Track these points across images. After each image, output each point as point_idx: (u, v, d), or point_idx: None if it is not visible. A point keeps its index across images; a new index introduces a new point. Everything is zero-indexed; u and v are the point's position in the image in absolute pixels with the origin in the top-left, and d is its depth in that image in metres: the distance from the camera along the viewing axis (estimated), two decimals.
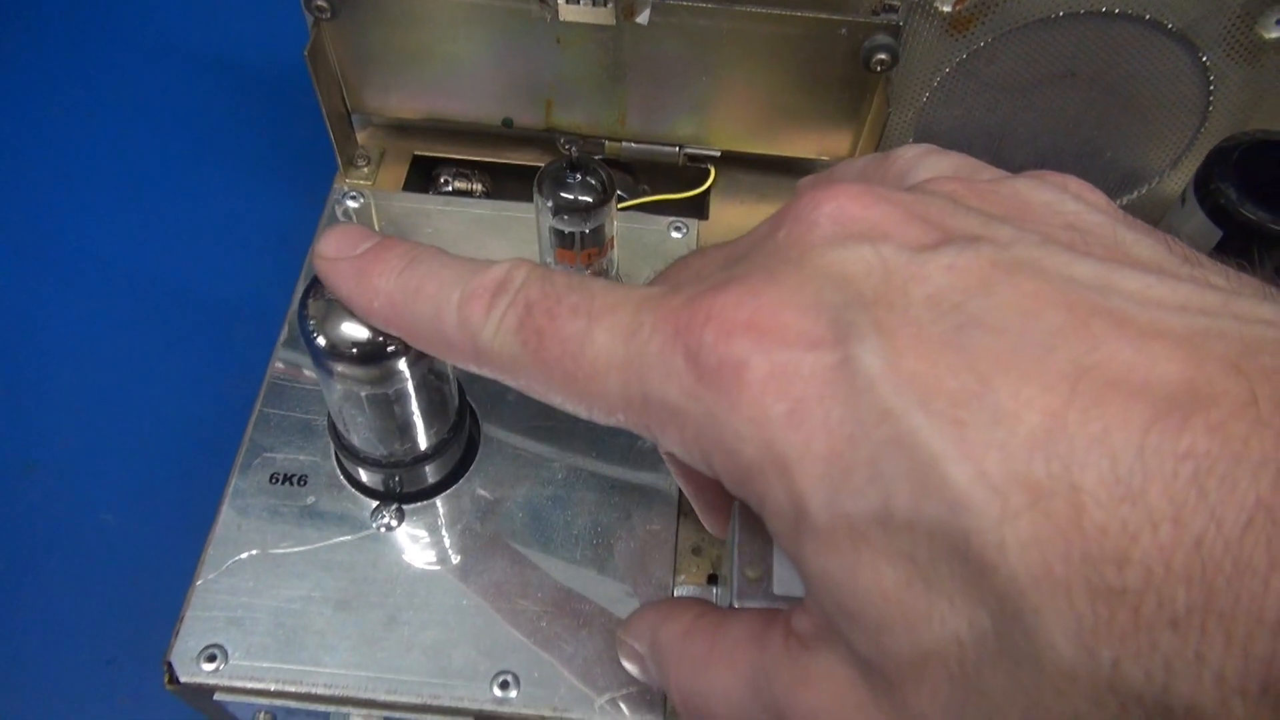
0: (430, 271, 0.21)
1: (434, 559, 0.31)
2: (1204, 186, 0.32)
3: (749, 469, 0.16)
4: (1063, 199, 0.18)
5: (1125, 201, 0.41)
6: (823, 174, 0.21)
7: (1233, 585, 0.12)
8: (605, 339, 0.18)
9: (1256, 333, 0.14)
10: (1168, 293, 0.14)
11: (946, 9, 0.35)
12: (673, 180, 0.42)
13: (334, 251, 0.22)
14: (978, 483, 0.14)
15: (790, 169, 0.41)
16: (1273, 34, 0.34)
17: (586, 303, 0.18)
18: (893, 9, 0.35)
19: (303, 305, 0.26)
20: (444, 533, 0.32)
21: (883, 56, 0.34)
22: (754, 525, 0.25)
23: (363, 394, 0.28)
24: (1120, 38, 0.35)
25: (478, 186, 0.42)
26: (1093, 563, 0.13)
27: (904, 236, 0.16)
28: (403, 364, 0.27)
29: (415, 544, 0.31)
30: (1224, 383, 0.13)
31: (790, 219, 0.18)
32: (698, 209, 0.41)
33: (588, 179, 0.32)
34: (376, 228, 0.39)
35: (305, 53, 0.35)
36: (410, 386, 0.28)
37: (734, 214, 0.41)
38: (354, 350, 0.26)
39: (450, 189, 0.42)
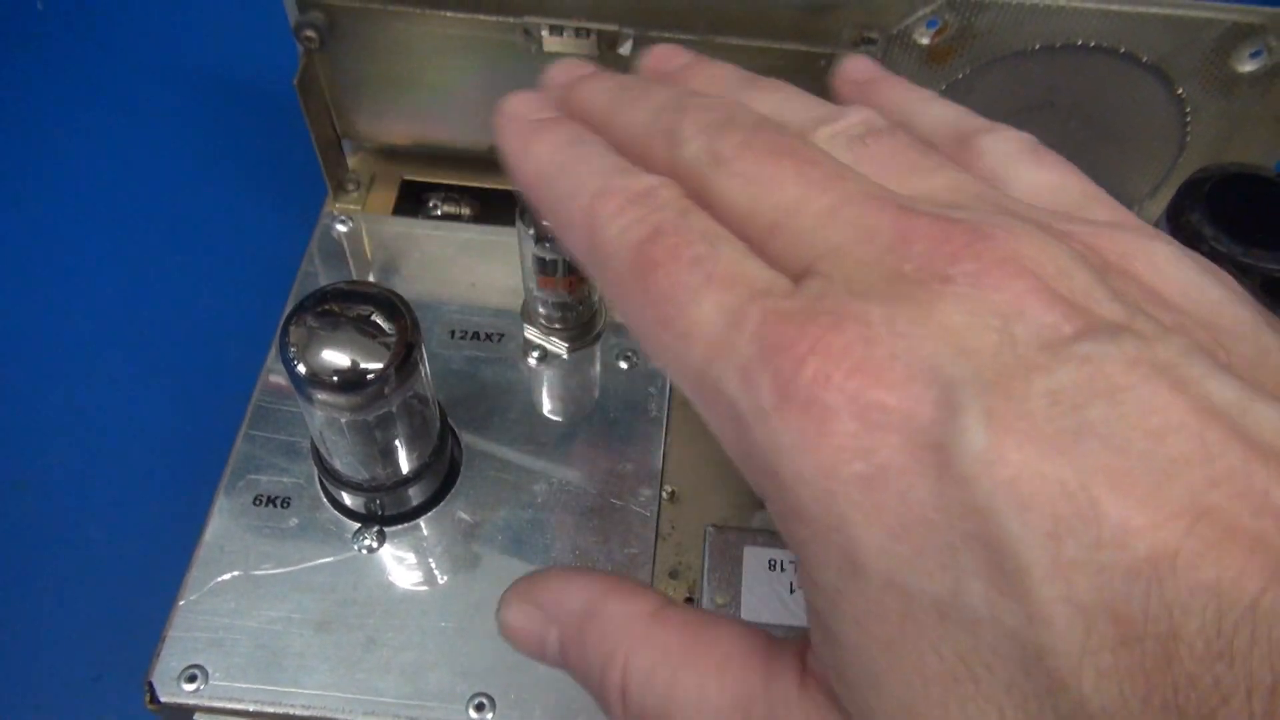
0: (586, 155, 0.20)
1: (414, 581, 0.32)
2: (1176, 218, 0.32)
3: (800, 512, 0.15)
4: (1204, 281, 0.16)
5: None
6: (908, 135, 0.19)
7: None
8: (710, 309, 0.17)
9: None
10: None
11: (925, 41, 0.35)
12: None
13: (517, 109, 0.22)
14: (1064, 602, 0.13)
15: None
16: (1246, 67, 0.35)
17: (710, 259, 0.17)
18: (871, 41, 0.35)
19: (284, 333, 0.27)
20: (425, 555, 0.32)
21: None
22: (724, 553, 0.26)
23: (343, 420, 0.28)
24: (1096, 70, 0.36)
25: (466, 211, 0.43)
26: (1173, 713, 0.12)
27: (1043, 318, 0.15)
28: (383, 391, 0.27)
29: (396, 566, 0.32)
30: None
31: (919, 249, 0.16)
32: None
33: None
34: (367, 252, 0.39)
35: (295, 82, 0.36)
36: (391, 412, 0.29)
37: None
38: (334, 378, 0.27)
39: (439, 213, 0.43)
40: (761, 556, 0.26)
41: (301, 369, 0.26)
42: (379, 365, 0.27)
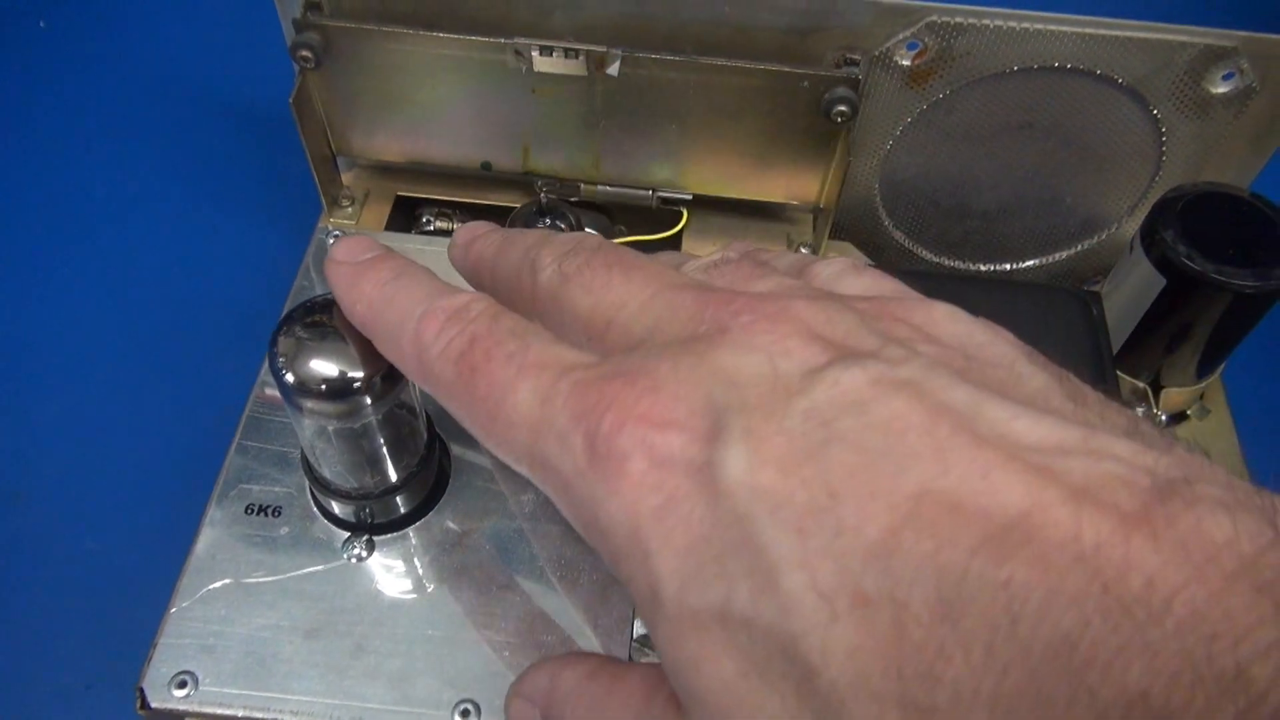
0: (408, 286, 0.23)
1: (402, 589, 0.32)
2: (1149, 236, 0.33)
3: (618, 553, 0.17)
4: (973, 330, 0.18)
5: (1085, 247, 0.43)
6: (754, 259, 0.22)
7: (1031, 717, 0.12)
8: (526, 395, 0.19)
9: (1104, 468, 0.14)
10: (1030, 424, 0.15)
11: (906, 63, 0.36)
12: (648, 222, 0.43)
13: (341, 256, 0.25)
14: (809, 590, 0.14)
15: (761, 212, 0.43)
16: (1219, 89, 0.36)
17: (521, 353, 0.19)
18: (853, 63, 0.36)
19: (272, 343, 0.27)
20: (413, 564, 0.33)
21: (842, 108, 0.35)
22: None
23: (330, 428, 0.29)
24: (1073, 91, 0.37)
25: (459, 226, 0.43)
26: (907, 679, 0.13)
27: (803, 353, 0.17)
28: (370, 399, 0.28)
29: (384, 574, 0.32)
30: (1057, 514, 0.13)
31: (709, 314, 0.18)
32: (672, 249, 0.42)
33: (556, 223, 0.33)
34: None
35: (291, 100, 0.37)
36: (378, 421, 0.29)
37: (706, 255, 0.42)
38: (322, 386, 0.27)
39: (432, 228, 0.43)
40: None
41: (290, 378, 0.27)
42: (365, 374, 0.27)
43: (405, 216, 0.43)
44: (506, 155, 0.40)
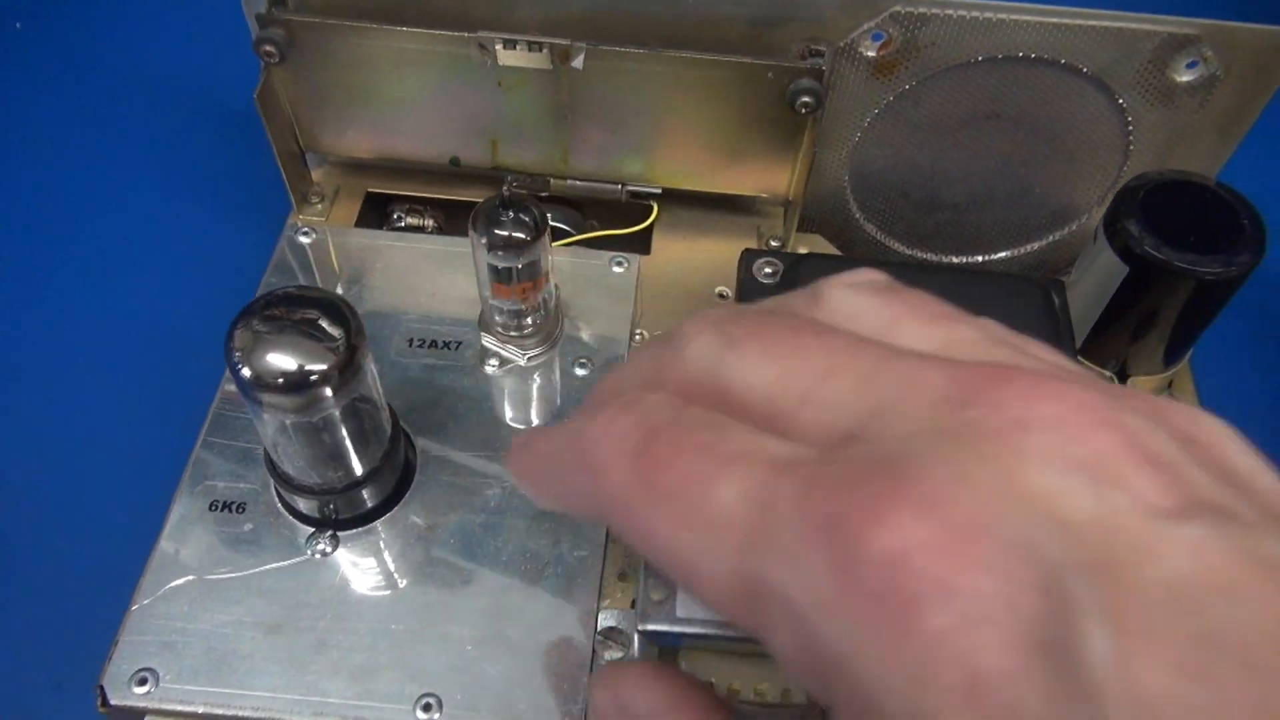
0: (562, 425, 0.19)
1: (366, 584, 0.32)
2: (1112, 225, 0.33)
3: None
4: (1259, 464, 0.14)
5: (1056, 237, 0.43)
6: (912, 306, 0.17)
7: None
8: (732, 495, 0.14)
9: None
10: None
11: (871, 54, 0.36)
12: (620, 216, 0.43)
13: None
14: None
15: (732, 206, 0.43)
16: (1184, 77, 0.36)
17: (722, 443, 0.15)
18: (818, 54, 0.36)
19: (228, 337, 0.27)
20: (377, 559, 0.33)
21: (807, 99, 0.35)
22: None
23: (288, 423, 0.29)
24: (1039, 81, 0.37)
25: (429, 223, 0.43)
26: None
27: (1141, 487, 0.13)
28: (328, 391, 0.28)
29: (349, 570, 0.32)
30: None
31: (985, 397, 0.14)
32: (642, 244, 0.42)
33: (521, 216, 0.33)
34: (332, 262, 0.40)
35: (255, 96, 0.36)
36: (338, 414, 0.29)
37: (676, 249, 0.42)
38: (279, 380, 0.27)
39: (403, 225, 0.43)
40: None
41: (246, 372, 0.27)
42: (322, 367, 0.27)
43: (376, 213, 0.43)
44: (475, 150, 0.40)
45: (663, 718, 0.19)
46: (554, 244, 0.42)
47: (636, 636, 0.26)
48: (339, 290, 0.39)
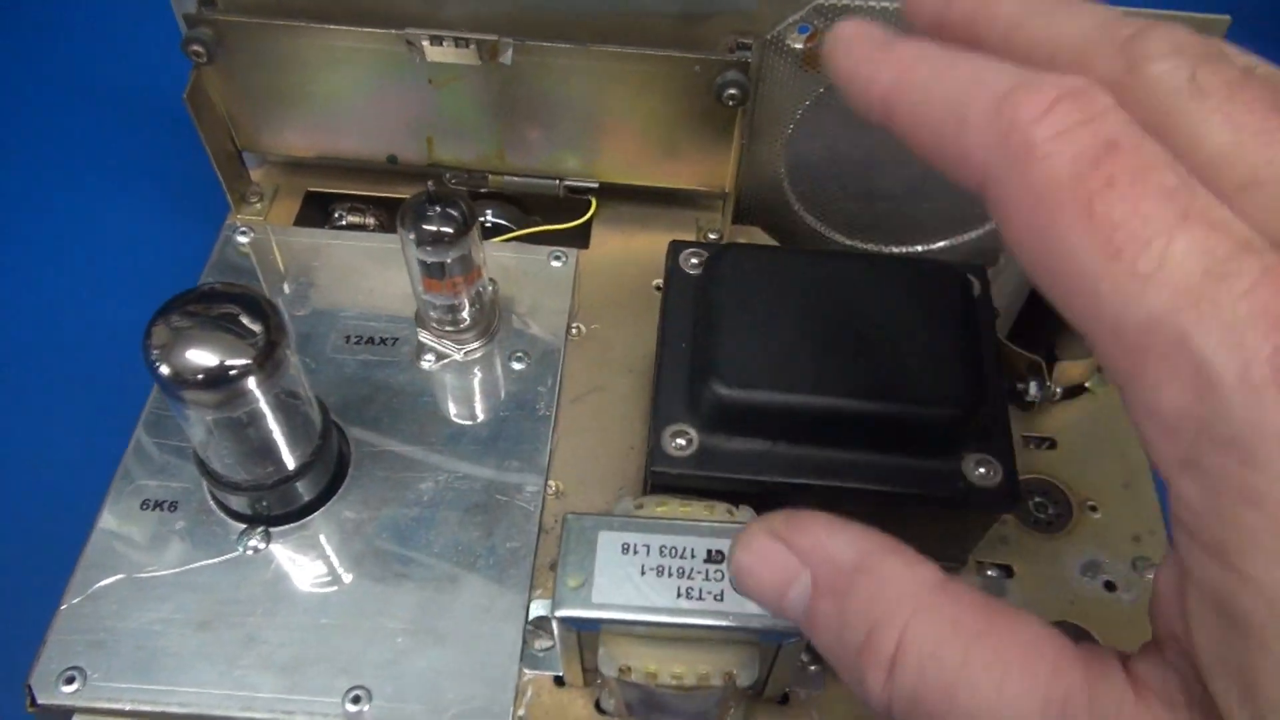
0: (966, 58, 0.18)
1: (298, 579, 0.32)
2: None
3: (1263, 496, 0.14)
4: None
5: (992, 226, 0.43)
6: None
7: None
8: (1186, 250, 0.15)
9: None
10: None
11: (798, 47, 0.36)
12: (562, 211, 0.43)
13: (852, 30, 0.19)
14: None
15: (671, 199, 0.43)
16: None
17: (1187, 196, 0.15)
18: (746, 47, 0.36)
19: (146, 335, 0.27)
20: (310, 554, 0.33)
21: (733, 92, 0.36)
22: (580, 537, 0.26)
23: (211, 419, 0.29)
24: None
25: (371, 221, 0.43)
26: None
27: None
28: (249, 386, 0.28)
29: (280, 565, 0.32)
30: None
31: None
32: (581, 239, 0.42)
33: (448, 211, 0.33)
34: (274, 261, 0.40)
35: (185, 96, 0.37)
36: (262, 410, 0.29)
37: (615, 243, 0.42)
38: (197, 376, 0.27)
39: (344, 223, 0.43)
40: (616, 540, 0.26)
41: (164, 369, 0.27)
42: (242, 362, 0.27)
43: (317, 212, 0.43)
44: (411, 148, 0.41)
45: (876, 561, 0.19)
46: (494, 240, 0.42)
47: (554, 623, 0.26)
48: (285, 289, 0.39)
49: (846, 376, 0.29)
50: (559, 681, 0.31)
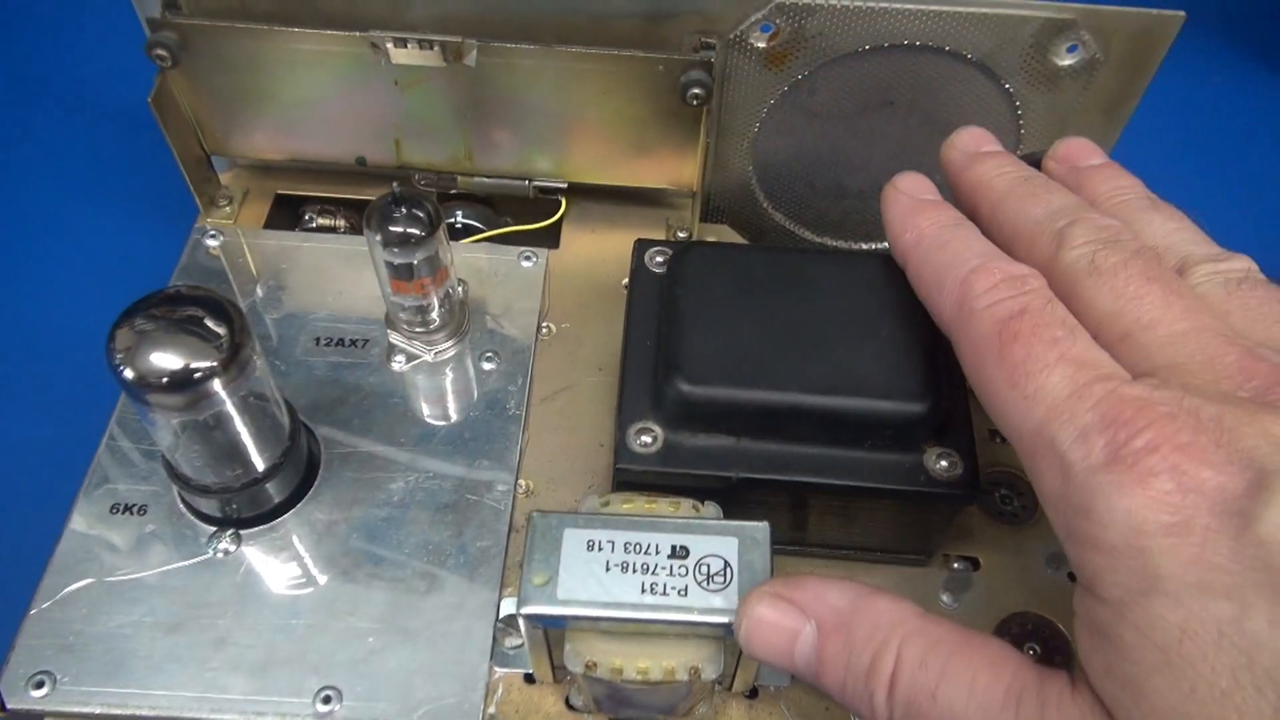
0: (965, 236, 0.26)
1: (269, 581, 0.32)
2: None
3: (1100, 542, 0.20)
4: None
5: None
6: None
7: None
8: (1058, 380, 0.22)
9: None
10: None
11: (761, 45, 0.37)
12: (533, 211, 0.43)
13: (904, 186, 0.29)
14: None
15: (641, 198, 0.43)
16: (1065, 61, 0.37)
17: (1067, 344, 0.22)
18: (709, 46, 0.37)
19: (109, 338, 0.28)
20: (280, 555, 0.33)
21: (697, 91, 0.36)
22: (546, 535, 0.27)
23: (176, 422, 0.29)
24: (927, 68, 0.37)
25: (342, 223, 0.44)
26: None
27: None
28: (213, 388, 0.28)
29: (250, 567, 0.32)
30: None
31: (1258, 387, 0.20)
32: (551, 239, 0.42)
33: (414, 212, 0.33)
34: (246, 265, 0.40)
35: (150, 100, 0.37)
36: (228, 412, 0.29)
37: (585, 243, 0.42)
38: (162, 379, 0.27)
39: (314, 225, 0.43)
40: (581, 538, 0.27)
41: (128, 373, 0.27)
42: (205, 364, 0.27)
43: (287, 215, 0.44)
44: (379, 150, 0.41)
45: (866, 602, 0.24)
46: (465, 240, 0.42)
47: (520, 620, 0.26)
48: (255, 292, 0.39)
49: (809, 372, 0.29)
50: (529, 679, 0.31)
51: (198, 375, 0.28)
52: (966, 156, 0.29)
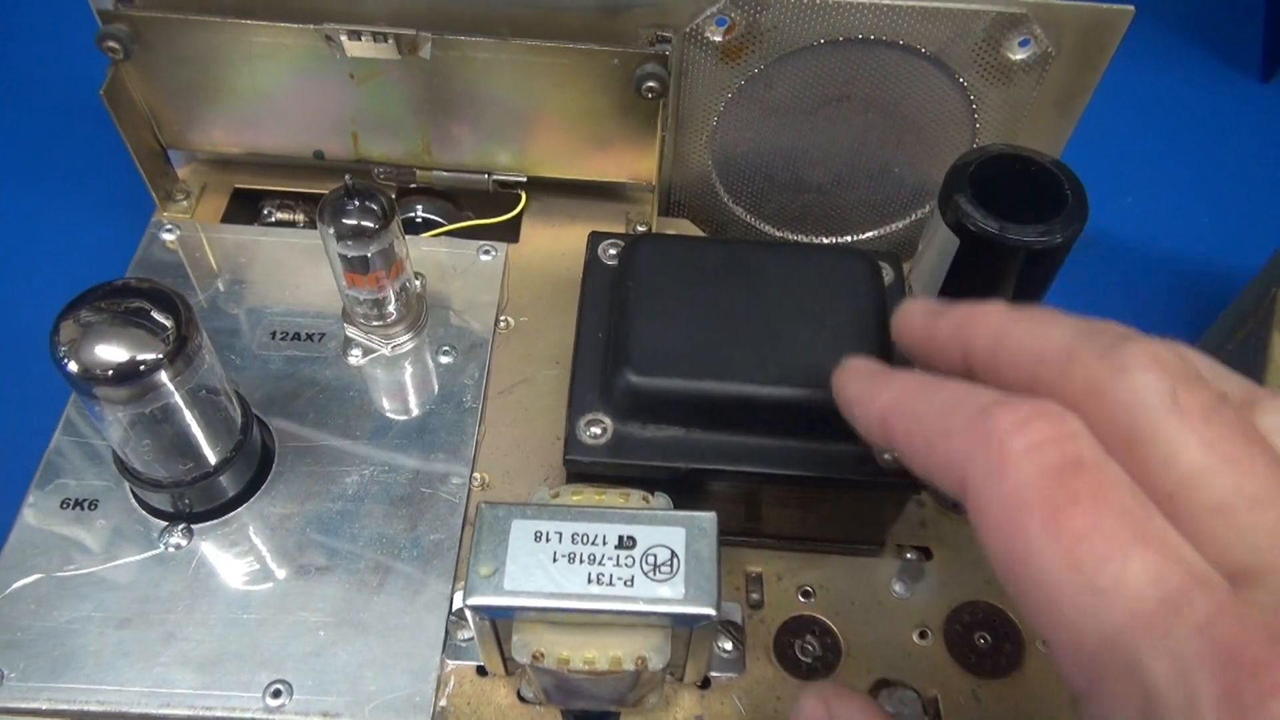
0: (949, 383, 0.20)
1: (220, 575, 0.32)
2: (945, 201, 0.34)
3: None
4: None
5: (919, 215, 0.44)
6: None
7: None
8: (1140, 575, 0.16)
9: None
10: None
11: (717, 39, 0.37)
12: (492, 205, 0.43)
13: (858, 364, 0.24)
14: None
15: (600, 192, 0.43)
16: (1018, 55, 0.37)
17: (1144, 520, 0.16)
18: (665, 40, 0.37)
19: (53, 331, 0.27)
20: (232, 549, 0.33)
21: (652, 84, 0.36)
22: (493, 527, 0.27)
23: (122, 416, 0.29)
24: (882, 62, 0.38)
25: (300, 217, 0.43)
26: None
27: None
28: (158, 381, 0.28)
29: (203, 561, 0.32)
30: None
31: None
32: (511, 233, 0.42)
33: (368, 205, 0.33)
34: (207, 259, 0.40)
35: (101, 93, 0.36)
36: (176, 405, 0.29)
37: (545, 236, 0.42)
38: (106, 372, 0.27)
39: (273, 220, 0.43)
40: (529, 529, 0.27)
41: (72, 366, 0.27)
42: (149, 357, 0.27)
43: (246, 209, 0.43)
44: (337, 143, 0.40)
45: None
46: (424, 235, 0.42)
47: (467, 611, 0.26)
48: (212, 286, 0.39)
49: (757, 363, 0.29)
50: (481, 671, 0.31)
51: (143, 368, 0.27)
52: (929, 313, 0.23)
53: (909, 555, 0.34)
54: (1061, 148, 0.41)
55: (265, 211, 0.43)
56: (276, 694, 0.30)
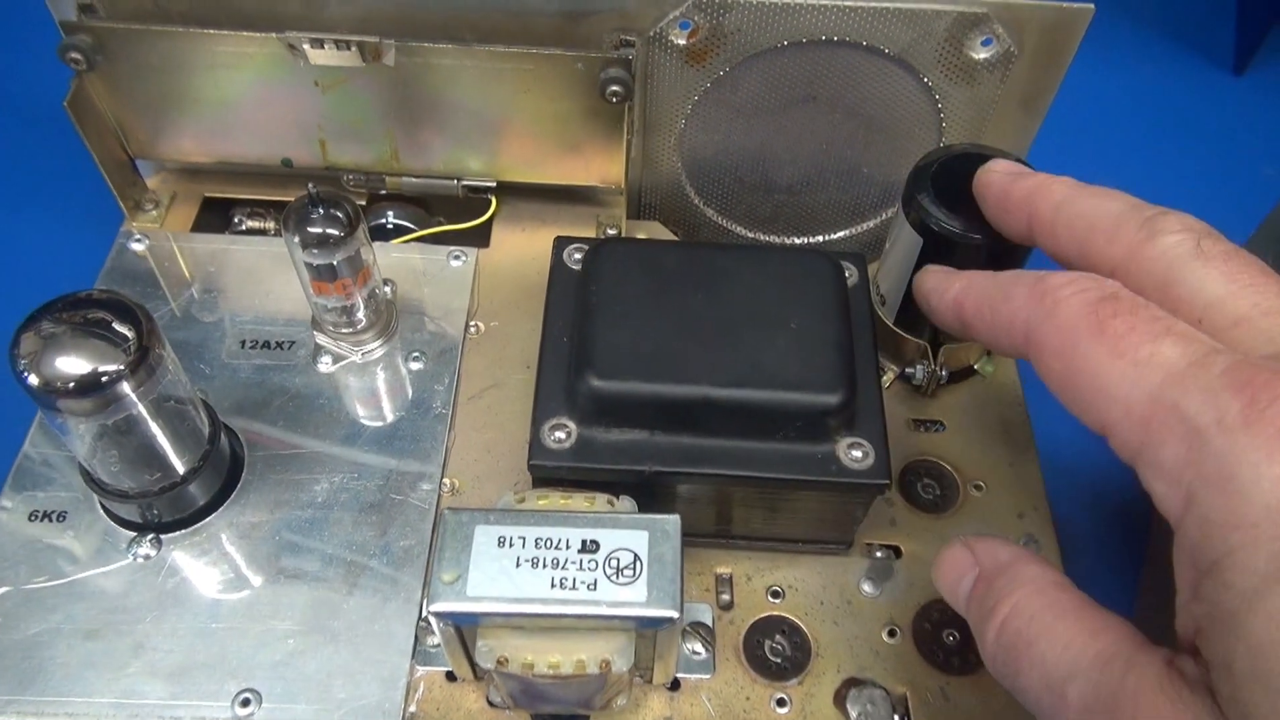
0: (1015, 272, 0.27)
1: (189, 585, 0.32)
2: (907, 200, 0.34)
3: (1240, 518, 0.18)
4: None
5: (888, 215, 0.44)
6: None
7: None
8: (1172, 350, 0.21)
9: None
10: None
11: (681, 42, 0.37)
12: (465, 212, 0.43)
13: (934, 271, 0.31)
14: None
15: (571, 196, 0.43)
16: (981, 55, 0.37)
17: (1170, 321, 0.22)
18: (630, 44, 0.37)
19: (13, 344, 0.27)
20: (201, 559, 0.33)
21: (616, 88, 0.36)
22: (457, 532, 0.27)
23: (84, 428, 0.29)
24: (846, 63, 0.38)
25: (271, 225, 0.43)
26: None
27: None
28: (120, 392, 0.28)
29: (171, 571, 0.32)
30: None
31: None
32: (482, 238, 0.43)
33: (332, 212, 0.33)
34: (178, 268, 0.40)
35: (65, 104, 0.36)
36: (140, 416, 0.29)
37: (516, 241, 0.43)
38: (68, 385, 0.27)
39: (244, 228, 0.43)
40: (492, 534, 0.27)
41: (33, 379, 0.27)
42: (113, 367, 0.27)
43: (216, 218, 0.43)
44: (305, 151, 0.40)
45: (1019, 563, 0.25)
46: (394, 241, 0.42)
47: (431, 618, 0.26)
48: (181, 295, 0.39)
49: (720, 365, 0.29)
50: (451, 677, 0.31)
51: (105, 379, 0.27)
52: (1010, 175, 0.29)
53: (878, 554, 0.34)
54: (1029, 145, 0.41)
55: (236, 219, 0.43)
56: (245, 703, 0.30)
